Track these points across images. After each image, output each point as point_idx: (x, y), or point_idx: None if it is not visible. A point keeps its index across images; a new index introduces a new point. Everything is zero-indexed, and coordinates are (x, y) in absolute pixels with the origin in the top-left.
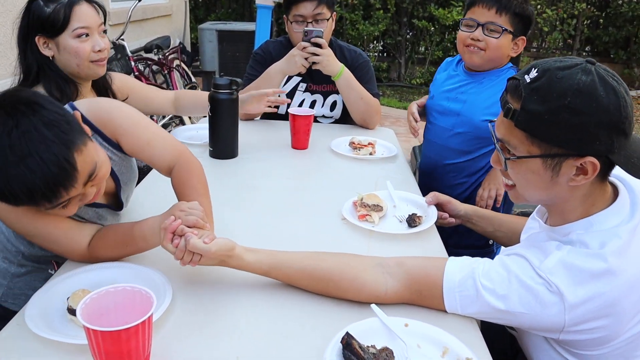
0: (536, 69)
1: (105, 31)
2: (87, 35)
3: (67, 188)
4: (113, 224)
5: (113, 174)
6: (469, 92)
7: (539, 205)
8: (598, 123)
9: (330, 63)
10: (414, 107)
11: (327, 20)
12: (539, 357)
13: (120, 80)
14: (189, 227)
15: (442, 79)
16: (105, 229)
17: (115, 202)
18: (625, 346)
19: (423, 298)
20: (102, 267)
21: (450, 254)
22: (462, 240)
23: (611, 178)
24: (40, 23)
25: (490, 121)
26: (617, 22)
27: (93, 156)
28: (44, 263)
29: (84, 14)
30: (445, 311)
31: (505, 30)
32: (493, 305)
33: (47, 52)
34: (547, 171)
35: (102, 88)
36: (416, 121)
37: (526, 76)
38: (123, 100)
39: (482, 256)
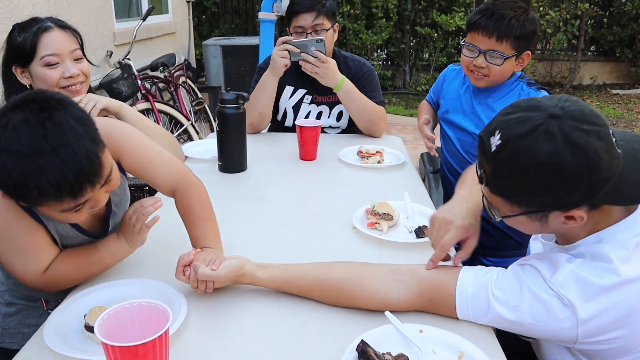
0: (499, 134)
1: (82, 57)
2: (56, 63)
3: (93, 184)
4: (69, 249)
5: None
6: (481, 108)
7: None
8: (569, 184)
9: (329, 75)
10: (425, 129)
11: (327, 30)
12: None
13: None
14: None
15: (454, 91)
16: (64, 253)
17: (101, 228)
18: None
19: (435, 307)
20: (117, 284)
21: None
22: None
23: None
24: (15, 52)
25: None
26: (622, 21)
27: (109, 159)
28: (32, 300)
29: (52, 41)
30: (457, 318)
31: (508, 57)
32: (504, 316)
33: (24, 81)
34: (535, 222)
35: None
36: (433, 140)
37: (492, 140)
38: None
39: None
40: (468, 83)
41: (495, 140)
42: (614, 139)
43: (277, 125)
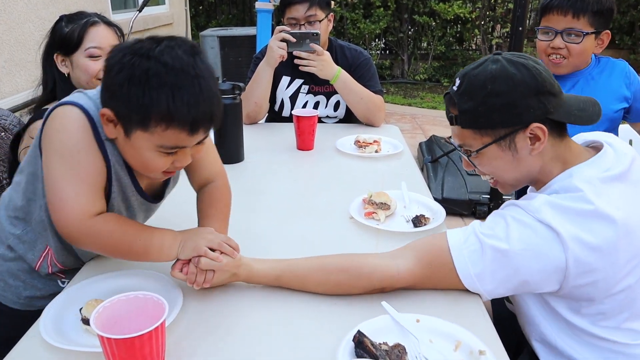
0: (458, 78)
1: None
2: (99, 55)
3: (207, 129)
4: (124, 217)
5: None
6: (586, 90)
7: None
8: (522, 94)
9: (325, 67)
10: None
11: (321, 21)
12: (540, 327)
13: None
14: (212, 249)
15: None
16: (118, 216)
17: (156, 196)
18: (623, 300)
19: (435, 270)
20: (113, 276)
21: None
22: None
23: (597, 141)
24: (60, 41)
25: (446, 139)
26: (621, 8)
27: None
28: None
29: (97, 35)
30: (460, 282)
31: (587, 33)
32: (497, 247)
33: (63, 69)
34: (506, 152)
35: None
36: None
37: (453, 87)
38: None
39: None
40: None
41: (456, 83)
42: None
43: (274, 116)
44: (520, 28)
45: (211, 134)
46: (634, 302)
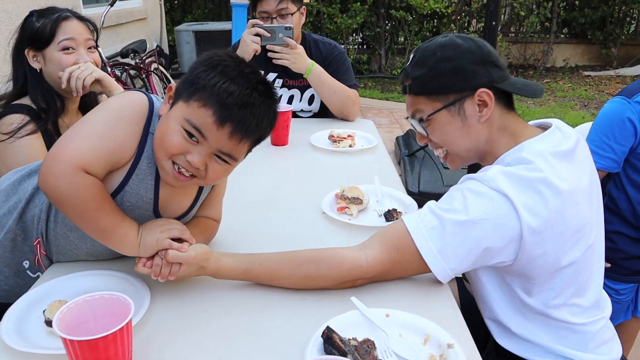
0: (412, 54)
1: (95, 47)
2: (72, 48)
3: (236, 132)
4: (110, 196)
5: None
6: None
7: None
8: (469, 61)
9: (298, 60)
10: None
11: (293, 14)
12: (493, 305)
13: None
14: (174, 239)
15: None
16: (105, 190)
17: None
18: (570, 275)
19: (400, 253)
20: (77, 276)
21: None
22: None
23: (544, 123)
24: (30, 36)
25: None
26: (593, 3)
27: (243, 154)
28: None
29: (70, 28)
30: (425, 264)
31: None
32: (457, 219)
33: (35, 65)
34: (456, 117)
35: (88, 106)
36: None
37: (408, 63)
38: None
39: None
40: None
41: (410, 57)
42: None
43: None
44: (494, 22)
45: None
46: (578, 276)
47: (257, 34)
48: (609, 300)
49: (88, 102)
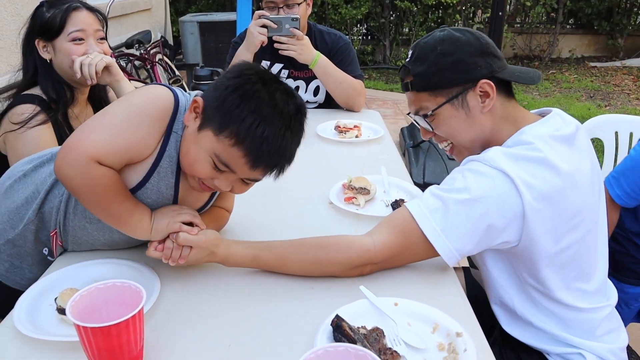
0: (411, 50)
1: (104, 38)
2: (82, 39)
3: (264, 173)
4: (124, 183)
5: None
6: None
7: None
8: (469, 54)
9: (304, 51)
10: None
11: (300, 4)
12: (499, 290)
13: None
14: (186, 223)
15: None
16: (118, 177)
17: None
18: (572, 256)
19: (407, 236)
20: (88, 264)
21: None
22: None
23: (544, 110)
24: (41, 27)
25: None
26: None
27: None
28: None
29: (80, 19)
30: (431, 246)
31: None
32: (459, 198)
33: (45, 55)
34: (459, 110)
35: (97, 97)
36: None
37: (408, 60)
38: None
39: None
40: None
41: (409, 54)
42: None
43: None
44: (500, 13)
45: None
46: (580, 260)
47: (263, 25)
48: (615, 289)
49: (97, 92)
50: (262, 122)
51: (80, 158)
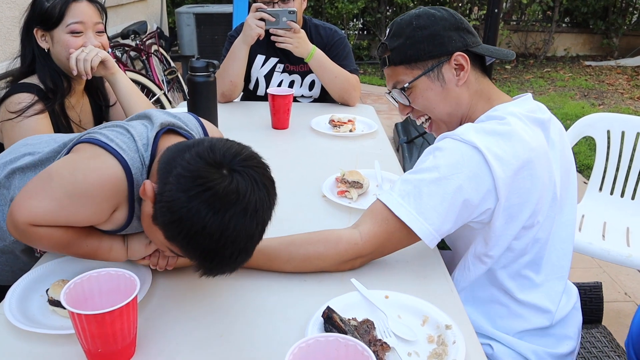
0: (388, 29)
1: (103, 31)
2: (80, 32)
3: (233, 268)
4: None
5: None
6: None
7: None
8: (444, 28)
9: (300, 45)
10: None
11: None
12: (464, 273)
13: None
14: None
15: None
16: (67, 228)
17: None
18: (530, 240)
19: (389, 226)
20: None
21: None
22: None
23: (521, 95)
24: (40, 16)
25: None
26: None
27: None
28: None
29: (79, 11)
30: (411, 230)
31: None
32: (429, 178)
33: (43, 45)
34: (435, 83)
35: (94, 88)
36: None
37: (385, 37)
38: (111, 106)
39: None
40: None
41: (387, 32)
42: None
43: (249, 95)
44: (496, 10)
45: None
46: (536, 245)
47: (261, 19)
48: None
49: (94, 83)
50: (220, 264)
51: (18, 225)
